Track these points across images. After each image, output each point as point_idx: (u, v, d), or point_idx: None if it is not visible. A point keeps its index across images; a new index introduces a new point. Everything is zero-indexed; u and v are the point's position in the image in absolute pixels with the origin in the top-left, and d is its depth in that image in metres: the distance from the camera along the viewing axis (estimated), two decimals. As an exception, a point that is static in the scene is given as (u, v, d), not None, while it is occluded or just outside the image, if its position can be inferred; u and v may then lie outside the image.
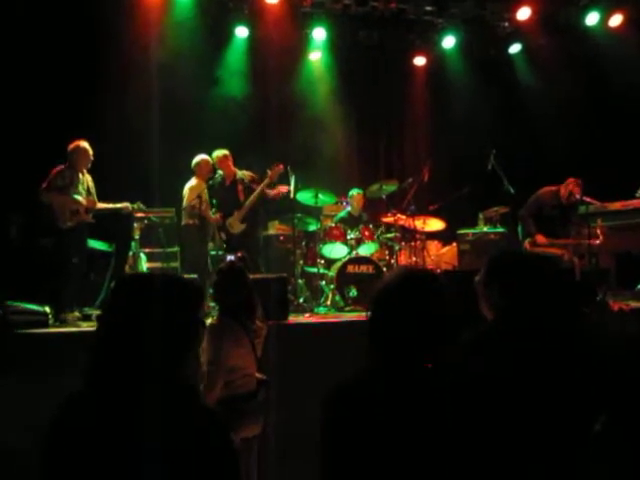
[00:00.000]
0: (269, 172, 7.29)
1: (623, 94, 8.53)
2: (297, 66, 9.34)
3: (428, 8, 8.72)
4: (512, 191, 7.69)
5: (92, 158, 6.46)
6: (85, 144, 6.41)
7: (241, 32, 8.71)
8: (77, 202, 6.29)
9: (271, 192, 7.37)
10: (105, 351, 1.70)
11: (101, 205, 6.59)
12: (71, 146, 6.38)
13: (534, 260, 2.63)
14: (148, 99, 7.60)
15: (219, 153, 7.43)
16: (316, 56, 9.40)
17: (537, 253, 7.12)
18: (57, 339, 5.38)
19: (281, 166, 7.24)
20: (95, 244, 6.83)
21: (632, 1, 8.68)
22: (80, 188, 6.40)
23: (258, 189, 7.27)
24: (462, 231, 8.36)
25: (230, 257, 6.85)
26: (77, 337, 5.28)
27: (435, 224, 8.41)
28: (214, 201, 7.44)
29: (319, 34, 8.92)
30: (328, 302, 7.37)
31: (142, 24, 7.77)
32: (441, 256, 8.69)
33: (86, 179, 6.50)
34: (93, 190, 6.55)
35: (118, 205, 6.75)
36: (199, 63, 8.50)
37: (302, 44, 9.19)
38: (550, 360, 2.29)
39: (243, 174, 7.49)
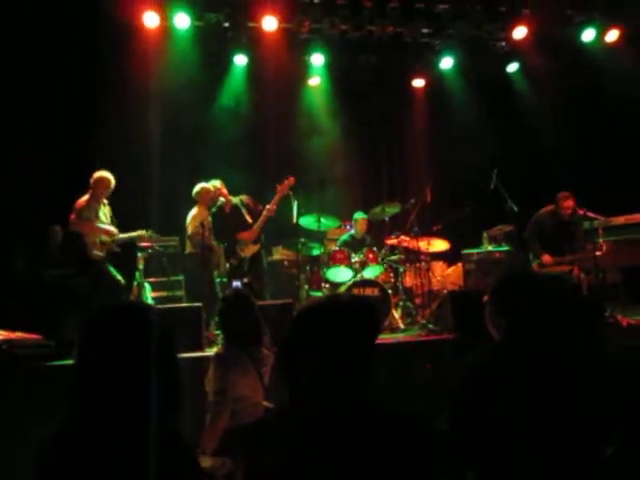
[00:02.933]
0: (278, 187, 7.24)
1: (622, 109, 8.55)
2: (297, 92, 9.40)
3: (425, 30, 8.75)
4: (515, 209, 7.68)
5: (113, 188, 6.50)
6: (109, 175, 6.46)
7: (240, 60, 8.76)
8: (108, 232, 6.41)
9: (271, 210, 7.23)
10: (87, 384, 1.70)
11: (121, 235, 6.65)
12: (95, 176, 6.42)
13: (540, 280, 2.60)
14: (148, 128, 7.66)
15: (216, 183, 7.37)
16: (315, 81, 9.45)
17: (544, 272, 7.10)
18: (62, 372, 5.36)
19: (292, 178, 7.20)
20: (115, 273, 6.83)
21: (628, 17, 8.72)
22: (103, 218, 6.48)
23: (269, 206, 7.18)
24: (467, 251, 8.33)
25: (236, 284, 6.82)
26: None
27: (439, 245, 8.40)
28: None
29: (317, 59, 8.97)
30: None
31: (141, 54, 7.81)
32: (447, 277, 8.66)
33: (106, 208, 6.57)
34: (114, 219, 6.63)
35: (135, 233, 6.80)
36: (199, 92, 8.56)
37: (301, 70, 9.23)
38: (560, 380, 2.26)
39: (240, 199, 7.43)
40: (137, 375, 1.67)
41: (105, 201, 6.55)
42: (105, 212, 6.55)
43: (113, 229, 6.50)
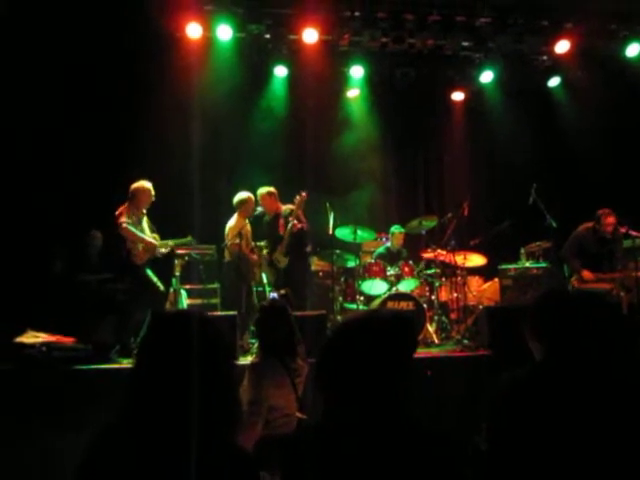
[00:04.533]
0: (295, 203, 7.19)
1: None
2: (335, 104, 9.43)
3: (465, 44, 8.72)
4: (554, 225, 7.57)
5: (153, 198, 6.58)
6: (149, 185, 6.55)
7: (280, 71, 8.85)
8: (149, 243, 6.47)
9: (297, 224, 7.20)
10: (141, 388, 1.70)
11: (168, 241, 6.77)
12: (135, 186, 6.51)
13: (581, 298, 2.56)
14: (189, 138, 7.75)
15: (263, 190, 7.41)
16: (354, 93, 9.48)
17: (584, 289, 6.97)
18: (99, 375, 5.44)
19: (304, 194, 7.11)
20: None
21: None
22: (145, 227, 6.57)
23: (289, 225, 7.21)
24: (504, 266, 8.23)
25: (274, 294, 6.84)
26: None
27: (476, 259, 8.31)
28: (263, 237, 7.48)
29: (357, 72, 9.00)
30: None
31: (184, 64, 7.94)
32: (483, 292, 8.56)
33: (146, 219, 6.65)
34: (154, 229, 6.71)
35: (181, 240, 6.89)
36: (240, 102, 8.65)
37: (340, 82, 9.28)
38: (600, 402, 2.21)
39: (287, 208, 7.40)
40: (192, 382, 1.67)
41: (144, 211, 6.62)
42: (146, 222, 6.63)
43: (154, 241, 6.55)
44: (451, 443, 1.74)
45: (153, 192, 6.56)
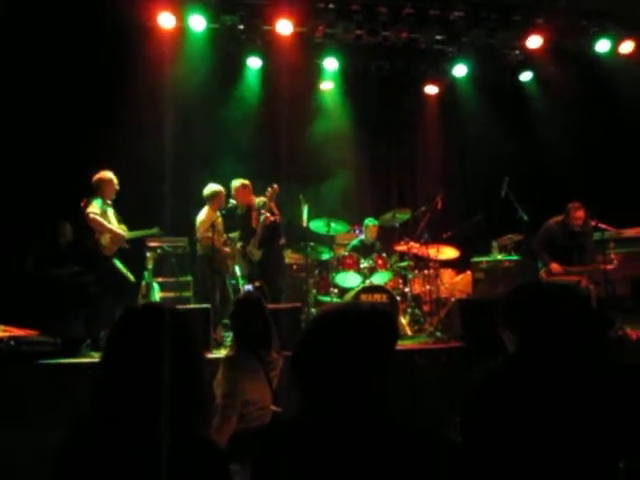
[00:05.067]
0: (266, 196, 7.04)
1: (635, 120, 8.51)
2: (309, 96, 9.40)
3: (439, 37, 8.74)
4: (526, 218, 7.65)
5: (117, 188, 6.48)
6: (110, 174, 6.43)
7: (254, 63, 8.79)
8: (117, 234, 6.35)
9: (270, 217, 7.04)
10: (111, 381, 1.69)
11: (132, 232, 6.64)
12: (97, 177, 6.39)
13: (553, 290, 2.58)
14: (162, 129, 7.66)
15: (237, 183, 7.29)
16: (328, 86, 9.46)
17: (555, 282, 7.05)
18: (69, 370, 5.37)
19: (275, 186, 6.96)
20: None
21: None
22: (112, 218, 6.45)
23: (262, 217, 7.12)
24: (476, 259, 8.30)
25: (248, 287, 6.79)
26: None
27: (449, 252, 8.38)
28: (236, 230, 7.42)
29: (331, 64, 8.98)
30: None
31: (157, 55, 7.84)
32: (455, 284, 8.64)
33: (112, 210, 6.53)
34: (121, 220, 6.59)
35: (146, 231, 6.79)
36: (213, 93, 8.58)
37: (314, 74, 9.25)
38: (572, 391, 2.24)
39: (259, 200, 7.25)
40: (162, 376, 1.66)
41: (109, 202, 6.49)
42: (113, 214, 6.51)
43: (122, 232, 6.44)
44: (424, 436, 1.74)
45: (116, 181, 6.44)
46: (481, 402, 2.31)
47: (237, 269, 7.43)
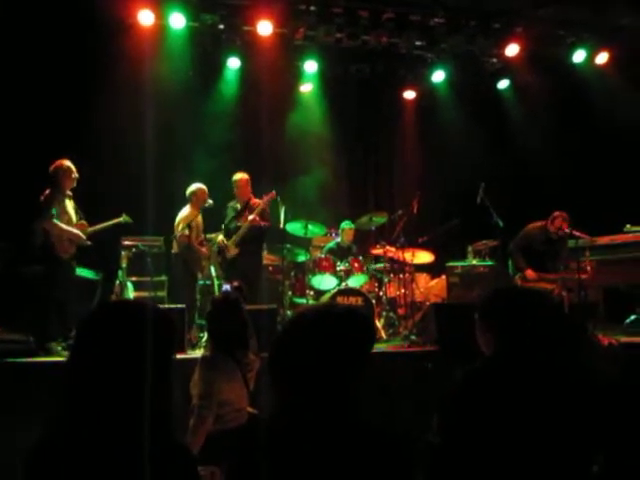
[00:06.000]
0: (262, 200, 7.21)
1: (609, 129, 8.64)
2: (288, 97, 9.36)
3: (418, 43, 8.79)
4: (501, 224, 7.69)
5: (76, 176, 6.21)
6: (68, 163, 6.16)
7: (233, 63, 8.74)
8: (75, 236, 6.13)
9: (258, 220, 7.11)
10: (81, 380, 1.65)
11: (97, 226, 6.45)
12: (53, 166, 6.10)
13: (527, 296, 2.61)
14: (140, 127, 7.58)
15: (242, 176, 7.32)
16: (307, 88, 9.45)
17: (529, 288, 7.11)
18: (41, 368, 5.28)
19: (274, 193, 7.13)
20: (82, 272, 6.72)
21: (617, 39, 8.84)
22: (71, 212, 6.21)
23: (250, 217, 7.13)
24: (451, 264, 8.35)
25: (227, 287, 6.74)
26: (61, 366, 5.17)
27: (424, 256, 8.43)
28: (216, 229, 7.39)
29: (310, 66, 8.98)
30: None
31: (135, 51, 7.75)
32: (430, 288, 8.67)
33: (71, 202, 6.27)
34: (80, 213, 6.36)
35: (110, 222, 6.60)
36: (192, 92, 8.53)
37: (293, 76, 9.24)
38: (547, 395, 2.26)
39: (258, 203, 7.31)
40: (132, 375, 1.63)
41: (69, 193, 6.22)
42: (72, 206, 6.26)
43: (78, 233, 6.17)
44: (400, 439, 1.74)
45: (74, 170, 6.16)
46: (458, 404, 2.32)
47: (212, 269, 7.38)
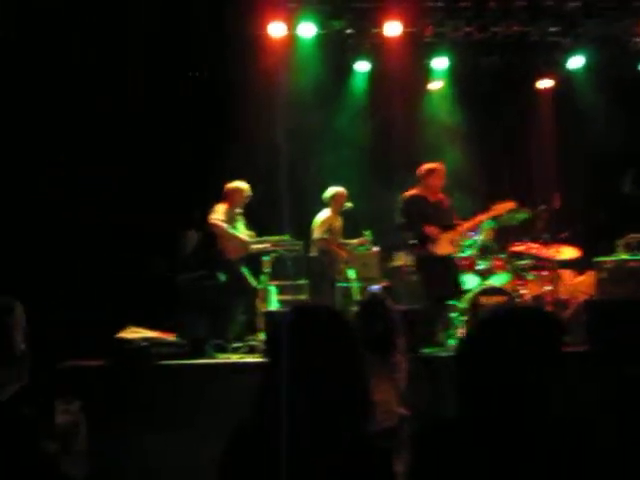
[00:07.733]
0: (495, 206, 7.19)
1: None
2: (420, 96, 9.30)
3: (552, 29, 8.43)
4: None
5: (247, 197, 6.80)
6: (240, 184, 6.78)
7: (362, 66, 8.81)
8: (243, 240, 6.69)
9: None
10: (276, 384, 1.67)
11: (263, 238, 6.97)
12: (228, 186, 6.75)
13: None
14: (274, 135, 7.83)
15: (437, 165, 7.24)
16: (437, 85, 9.32)
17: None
18: (195, 370, 5.58)
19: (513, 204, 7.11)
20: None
21: None
22: (241, 227, 6.79)
23: (466, 224, 7.12)
24: (600, 259, 7.90)
25: (373, 287, 6.78)
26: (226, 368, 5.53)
27: (569, 252, 8.05)
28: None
29: (440, 63, 8.86)
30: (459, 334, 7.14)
31: (267, 63, 8.01)
32: (576, 285, 8.25)
33: (242, 219, 6.88)
34: (250, 229, 6.93)
35: (276, 238, 7.06)
36: (324, 98, 8.65)
37: (423, 74, 9.15)
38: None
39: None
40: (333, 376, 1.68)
41: (239, 210, 6.81)
42: (242, 222, 6.84)
43: (246, 237, 6.75)
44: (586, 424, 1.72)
45: (248, 193, 6.76)
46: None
47: (351, 273, 7.45)
